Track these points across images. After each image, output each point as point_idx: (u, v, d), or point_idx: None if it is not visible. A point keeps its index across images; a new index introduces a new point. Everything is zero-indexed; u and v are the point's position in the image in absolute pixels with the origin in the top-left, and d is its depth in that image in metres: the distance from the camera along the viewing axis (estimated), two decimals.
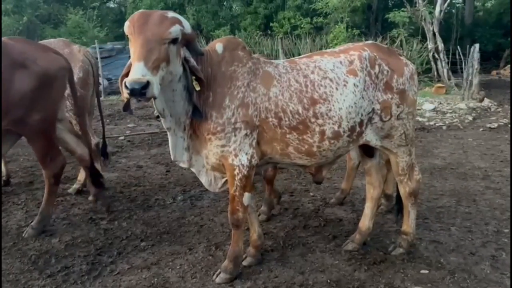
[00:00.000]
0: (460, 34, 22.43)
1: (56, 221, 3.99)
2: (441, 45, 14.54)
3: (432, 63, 15.05)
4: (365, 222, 3.35)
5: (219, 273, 2.94)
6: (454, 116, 9.56)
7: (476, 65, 11.32)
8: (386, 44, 13.95)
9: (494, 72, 20.29)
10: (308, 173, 3.96)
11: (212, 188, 3.05)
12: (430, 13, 14.68)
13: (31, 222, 3.77)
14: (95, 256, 3.33)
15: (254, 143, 2.74)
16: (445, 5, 14.94)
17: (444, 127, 8.58)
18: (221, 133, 2.66)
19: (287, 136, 2.76)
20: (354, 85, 2.78)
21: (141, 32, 2.32)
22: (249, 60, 2.77)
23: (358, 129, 2.84)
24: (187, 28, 2.47)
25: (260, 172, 3.85)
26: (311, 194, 4.69)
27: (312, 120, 2.74)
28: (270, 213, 4.01)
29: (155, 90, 2.24)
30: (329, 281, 2.92)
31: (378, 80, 2.86)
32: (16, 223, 3.96)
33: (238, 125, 2.66)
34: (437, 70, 14.89)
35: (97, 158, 4.56)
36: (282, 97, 2.72)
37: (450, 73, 14.45)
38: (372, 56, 2.88)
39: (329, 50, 3.09)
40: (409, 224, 3.26)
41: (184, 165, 2.89)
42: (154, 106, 2.71)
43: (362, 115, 2.82)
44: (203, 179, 2.99)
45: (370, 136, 2.93)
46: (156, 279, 2.98)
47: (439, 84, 13.53)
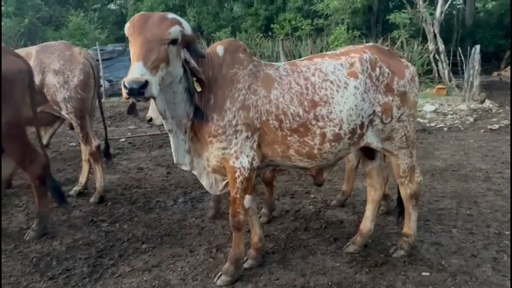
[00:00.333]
0: (461, 35, 22.41)
1: (57, 224, 4.00)
2: (442, 46, 14.52)
3: (433, 64, 15.03)
4: (366, 224, 3.36)
5: (220, 276, 2.95)
6: (455, 118, 9.55)
7: (477, 66, 11.30)
8: (387, 45, 13.97)
9: (495, 73, 20.27)
10: (309, 175, 3.97)
11: (213, 191, 3.06)
12: (431, 14, 14.67)
13: (32, 224, 3.78)
14: (96, 258, 3.33)
15: (255, 145, 2.74)
16: (446, 6, 14.92)
17: (445, 129, 8.58)
18: (222, 135, 2.66)
19: (288, 138, 2.76)
20: (355, 87, 2.79)
21: (140, 33, 2.32)
22: (250, 63, 2.77)
23: (359, 131, 2.84)
24: (187, 29, 2.47)
25: (259, 174, 3.85)
26: (312, 196, 4.69)
27: (313, 122, 2.74)
28: (271, 215, 4.01)
29: (154, 90, 2.23)
30: (330, 283, 2.92)
31: (379, 82, 2.86)
32: (17, 225, 3.97)
33: (239, 127, 2.67)
34: (438, 71, 14.87)
35: (98, 160, 4.57)
36: (283, 99, 2.72)
37: (451, 74, 14.42)
38: (373, 58, 2.88)
39: (329, 52, 3.09)
40: (410, 226, 3.26)
41: (186, 167, 2.89)
42: (155, 107, 2.70)
43: (363, 117, 2.82)
44: (204, 182, 2.99)
45: (371, 138, 2.93)
46: (157, 282, 2.98)
47: (440, 86, 13.51)
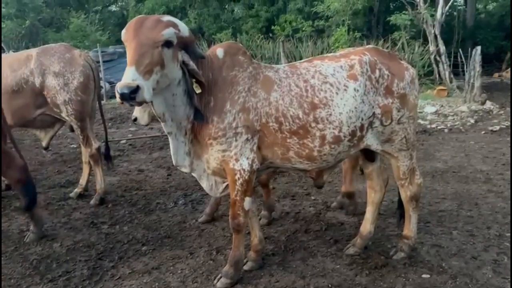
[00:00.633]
0: (462, 37, 22.41)
1: (58, 226, 4.00)
2: (442, 48, 14.53)
3: (434, 65, 15.05)
4: (367, 226, 3.35)
5: (220, 278, 2.94)
6: (455, 119, 9.54)
7: (478, 68, 11.29)
8: (388, 47, 14.00)
9: (496, 74, 20.27)
10: (309, 177, 3.96)
11: (213, 193, 3.06)
12: (432, 15, 14.68)
13: (31, 226, 3.78)
14: (96, 260, 3.33)
15: (255, 147, 2.74)
16: (447, 7, 14.94)
17: (445, 130, 8.56)
18: (222, 137, 2.66)
19: (288, 140, 2.76)
20: (355, 89, 2.78)
21: (135, 37, 2.34)
22: (249, 65, 2.77)
23: (358, 133, 2.84)
24: (184, 31, 2.46)
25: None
26: (312, 198, 4.69)
27: (313, 124, 2.74)
28: (271, 217, 4.01)
29: (146, 94, 2.24)
30: (330, 285, 2.92)
31: (379, 85, 2.85)
32: (17, 227, 3.97)
33: (239, 129, 2.67)
34: (439, 72, 14.88)
35: (98, 162, 4.58)
36: (282, 101, 2.72)
37: (452, 75, 14.43)
38: (373, 60, 2.88)
39: (329, 54, 3.09)
40: (410, 228, 3.26)
41: (185, 170, 2.88)
42: (153, 109, 2.71)
43: (362, 119, 2.82)
44: (204, 184, 2.99)
45: (370, 141, 2.93)
46: (157, 284, 2.98)
47: (440, 87, 13.51)
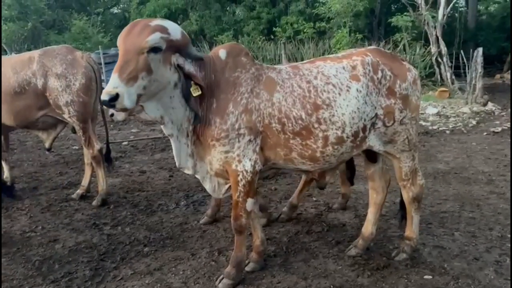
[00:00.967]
0: (464, 38, 22.36)
1: (60, 227, 4.01)
2: (444, 49, 14.50)
3: (435, 67, 15.01)
4: (368, 227, 3.35)
5: (222, 279, 2.94)
6: (457, 120, 9.53)
7: (480, 69, 11.28)
8: (389, 48, 13.98)
9: (498, 76, 20.22)
10: (312, 178, 3.96)
11: (216, 194, 3.05)
12: (433, 17, 14.65)
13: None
14: (98, 261, 3.34)
15: (257, 148, 2.75)
16: (448, 9, 14.91)
17: (447, 131, 8.56)
18: (225, 139, 2.67)
19: (291, 141, 2.76)
20: (357, 90, 2.79)
21: (123, 43, 2.38)
22: (252, 66, 2.77)
23: (361, 134, 2.84)
24: (174, 34, 2.45)
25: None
26: (314, 199, 4.69)
27: (315, 125, 2.74)
28: (270, 216, 4.00)
29: (125, 101, 2.28)
30: (332, 286, 2.92)
31: (381, 85, 2.86)
32: (20, 228, 3.98)
33: (241, 131, 2.67)
34: (441, 74, 14.84)
35: (100, 163, 4.59)
36: (285, 102, 2.72)
37: (453, 77, 14.40)
38: (375, 61, 2.88)
39: (332, 55, 3.09)
40: (412, 229, 3.26)
41: (188, 171, 2.88)
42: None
43: (365, 120, 2.82)
44: (207, 186, 2.99)
45: (373, 141, 2.93)
46: (159, 285, 2.99)
47: (442, 88, 13.48)
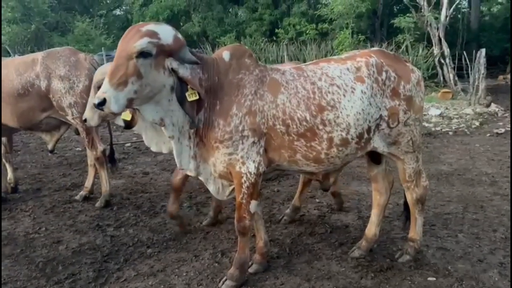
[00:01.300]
0: (466, 39, 22.33)
1: (63, 228, 4.02)
2: (447, 50, 14.48)
3: (438, 68, 14.99)
4: (372, 229, 3.34)
5: (225, 280, 2.94)
6: (460, 122, 9.51)
7: (483, 70, 11.26)
8: (392, 49, 13.95)
9: (501, 77, 20.18)
10: (315, 180, 3.95)
11: (220, 196, 3.05)
12: (436, 18, 14.63)
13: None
14: (101, 263, 3.34)
15: (261, 150, 2.74)
16: (451, 10, 14.89)
17: (450, 133, 8.54)
18: (229, 141, 2.66)
19: (295, 143, 2.75)
20: (362, 91, 2.78)
21: (118, 48, 2.43)
22: (256, 68, 2.77)
23: (366, 135, 2.84)
24: (166, 39, 2.43)
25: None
26: (317, 200, 4.68)
27: (320, 127, 2.73)
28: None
29: (113, 105, 2.34)
30: None
31: (385, 87, 2.85)
32: (23, 230, 3.99)
33: (245, 133, 2.67)
34: (443, 75, 14.82)
35: (103, 164, 4.59)
36: (289, 104, 2.72)
37: (456, 78, 14.38)
38: (379, 62, 2.88)
39: (335, 57, 3.09)
40: (416, 231, 3.25)
41: (191, 173, 2.88)
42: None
43: (370, 121, 2.82)
44: (211, 187, 2.99)
45: (377, 143, 2.92)
46: (162, 286, 2.99)
47: (445, 89, 13.46)
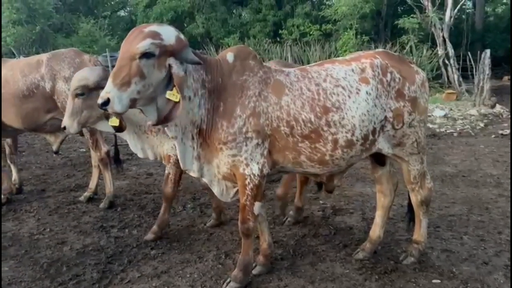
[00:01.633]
0: (471, 40, 22.30)
1: (67, 229, 4.02)
2: (451, 51, 14.46)
3: (443, 69, 14.96)
4: (376, 230, 3.33)
5: (229, 282, 2.94)
6: (465, 123, 9.47)
7: (487, 71, 11.22)
8: (396, 50, 13.93)
9: (506, 77, 20.10)
10: (319, 182, 3.94)
11: (224, 198, 3.04)
12: (440, 19, 14.61)
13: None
14: (105, 264, 3.34)
15: (265, 152, 2.73)
16: (455, 10, 14.88)
17: (455, 134, 8.51)
18: (232, 142, 2.66)
19: (299, 144, 2.74)
20: (367, 93, 2.77)
21: (121, 49, 2.43)
22: (260, 69, 2.76)
23: (371, 137, 2.82)
24: (168, 39, 2.43)
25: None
26: (321, 202, 4.67)
27: (325, 128, 2.72)
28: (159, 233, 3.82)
29: (116, 105, 2.35)
30: None
31: (390, 88, 2.84)
32: (28, 231, 3.99)
33: (249, 134, 2.66)
34: (448, 76, 14.79)
35: (107, 165, 4.60)
36: (294, 105, 2.71)
37: (460, 79, 14.35)
38: (384, 63, 2.87)
39: (340, 58, 3.08)
40: (420, 232, 3.23)
41: (194, 174, 2.88)
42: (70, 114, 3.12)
43: (374, 123, 2.80)
44: (215, 189, 2.98)
45: (382, 144, 2.91)
46: None
47: (449, 90, 13.43)
